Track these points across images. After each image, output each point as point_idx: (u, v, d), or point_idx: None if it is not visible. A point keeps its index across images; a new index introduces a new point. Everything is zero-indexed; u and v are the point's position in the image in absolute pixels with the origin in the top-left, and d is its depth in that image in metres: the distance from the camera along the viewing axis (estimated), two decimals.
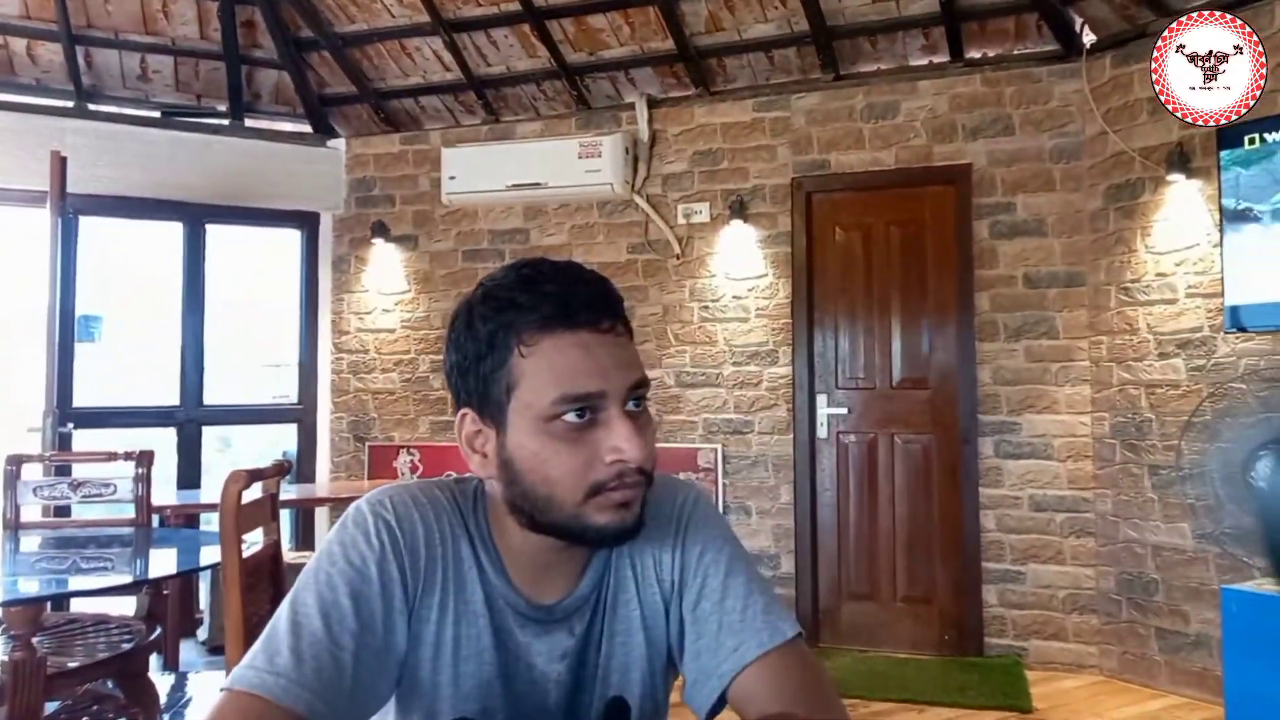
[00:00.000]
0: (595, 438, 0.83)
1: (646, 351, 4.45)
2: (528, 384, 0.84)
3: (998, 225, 4.02)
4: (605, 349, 0.84)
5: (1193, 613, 3.50)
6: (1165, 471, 3.55)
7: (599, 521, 0.84)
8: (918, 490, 4.13)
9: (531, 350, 0.83)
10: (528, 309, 0.84)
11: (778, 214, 4.32)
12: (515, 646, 0.90)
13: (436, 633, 0.88)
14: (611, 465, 0.83)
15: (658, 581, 0.95)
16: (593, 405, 0.83)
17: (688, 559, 0.94)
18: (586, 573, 0.93)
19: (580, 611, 0.92)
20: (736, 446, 4.34)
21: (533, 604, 0.90)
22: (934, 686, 3.64)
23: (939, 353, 4.12)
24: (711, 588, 0.92)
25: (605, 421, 0.83)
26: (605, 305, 0.86)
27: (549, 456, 0.83)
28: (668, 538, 0.95)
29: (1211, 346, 3.46)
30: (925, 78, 4.14)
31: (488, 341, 0.85)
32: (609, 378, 0.83)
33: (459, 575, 0.90)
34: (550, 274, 0.86)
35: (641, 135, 4.49)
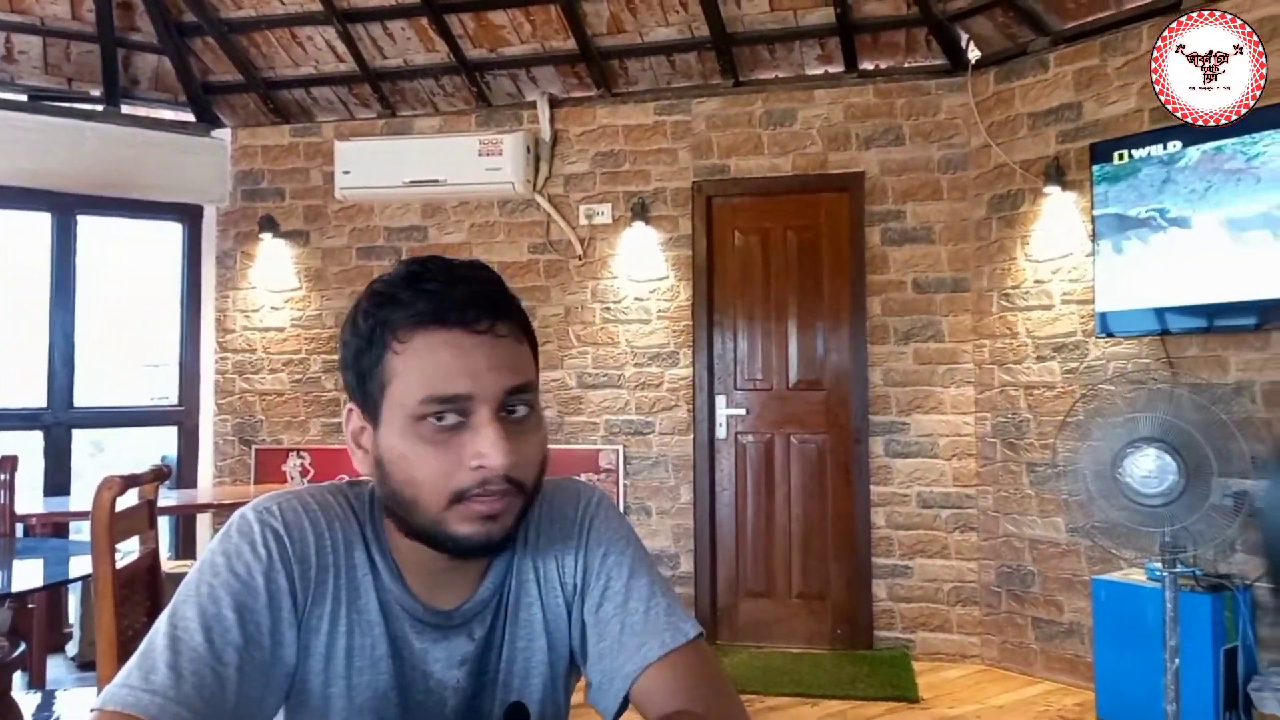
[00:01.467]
0: (462, 442, 0.80)
1: (548, 353, 4.42)
2: (399, 382, 0.81)
3: (889, 232, 4.16)
4: (480, 350, 0.81)
5: (1066, 603, 3.70)
6: (1041, 469, 3.75)
7: (461, 531, 0.81)
8: (812, 489, 4.23)
9: (404, 347, 0.81)
10: (404, 305, 0.81)
11: (679, 217, 4.36)
12: (412, 654, 0.88)
13: (328, 644, 0.85)
14: (475, 472, 0.80)
15: (560, 585, 0.94)
16: (461, 408, 0.80)
17: (590, 562, 0.93)
18: (487, 576, 0.91)
19: (480, 616, 0.91)
20: (638, 447, 4.36)
21: (430, 609, 0.88)
22: (826, 680, 3.73)
23: (833, 355, 4.23)
24: (614, 590, 0.91)
25: (474, 426, 0.80)
26: (484, 304, 0.82)
27: (414, 458, 0.81)
28: (570, 541, 0.94)
29: (1084, 350, 3.67)
30: (821, 87, 4.25)
31: (367, 337, 0.83)
32: (479, 380, 0.80)
33: (353, 583, 0.87)
34: (434, 271, 0.83)
35: (543, 134, 4.46)
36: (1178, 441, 2.78)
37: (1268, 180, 3.08)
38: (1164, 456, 2.78)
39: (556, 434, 4.39)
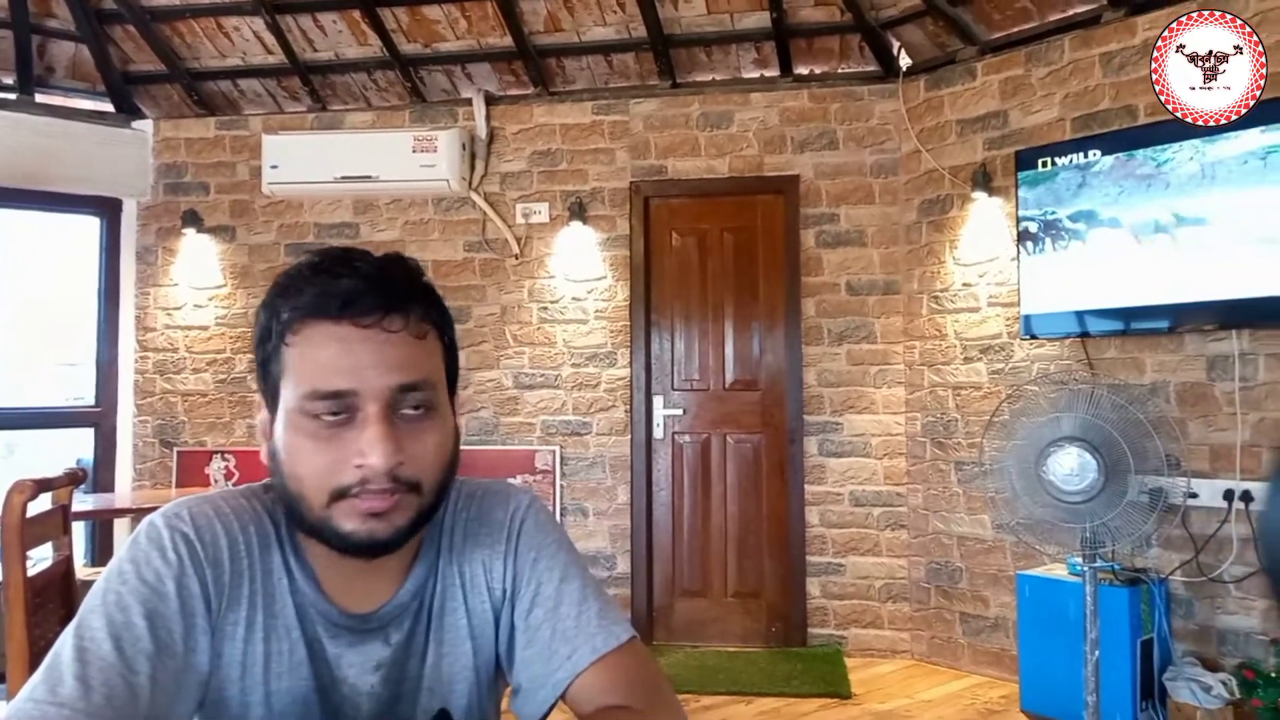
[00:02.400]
0: (348, 439, 0.79)
1: (483, 353, 4.37)
2: (289, 375, 0.80)
3: (823, 235, 4.23)
4: (368, 345, 0.79)
5: (992, 597, 3.81)
6: (969, 467, 3.85)
7: (345, 528, 0.80)
8: (748, 488, 4.27)
9: (295, 340, 0.80)
10: (297, 296, 0.80)
11: (616, 217, 4.36)
12: (328, 659, 0.85)
13: (244, 649, 0.83)
14: (357, 470, 0.78)
15: (488, 590, 0.92)
16: (346, 404, 0.78)
17: (520, 566, 0.91)
18: (407, 580, 0.89)
19: (398, 621, 0.88)
20: (574, 448, 4.34)
21: (346, 613, 0.86)
22: (761, 678, 3.77)
23: (769, 355, 4.28)
24: (545, 595, 0.90)
25: (360, 423, 0.79)
26: (377, 298, 0.79)
27: (297, 453, 0.80)
28: (499, 545, 0.92)
29: (1009, 352, 3.78)
30: (757, 90, 4.30)
31: (265, 328, 0.82)
32: (364, 377, 0.78)
33: (268, 587, 0.84)
34: (334, 264, 0.81)
35: (479, 132, 4.41)
36: (1097, 440, 2.87)
37: (1175, 188, 3.21)
38: (1085, 455, 2.87)
39: (492, 435, 4.35)
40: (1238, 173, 3.08)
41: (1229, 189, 3.09)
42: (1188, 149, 3.19)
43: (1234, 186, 3.08)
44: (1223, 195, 3.11)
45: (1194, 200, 3.17)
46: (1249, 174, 3.05)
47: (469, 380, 4.38)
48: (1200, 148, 3.16)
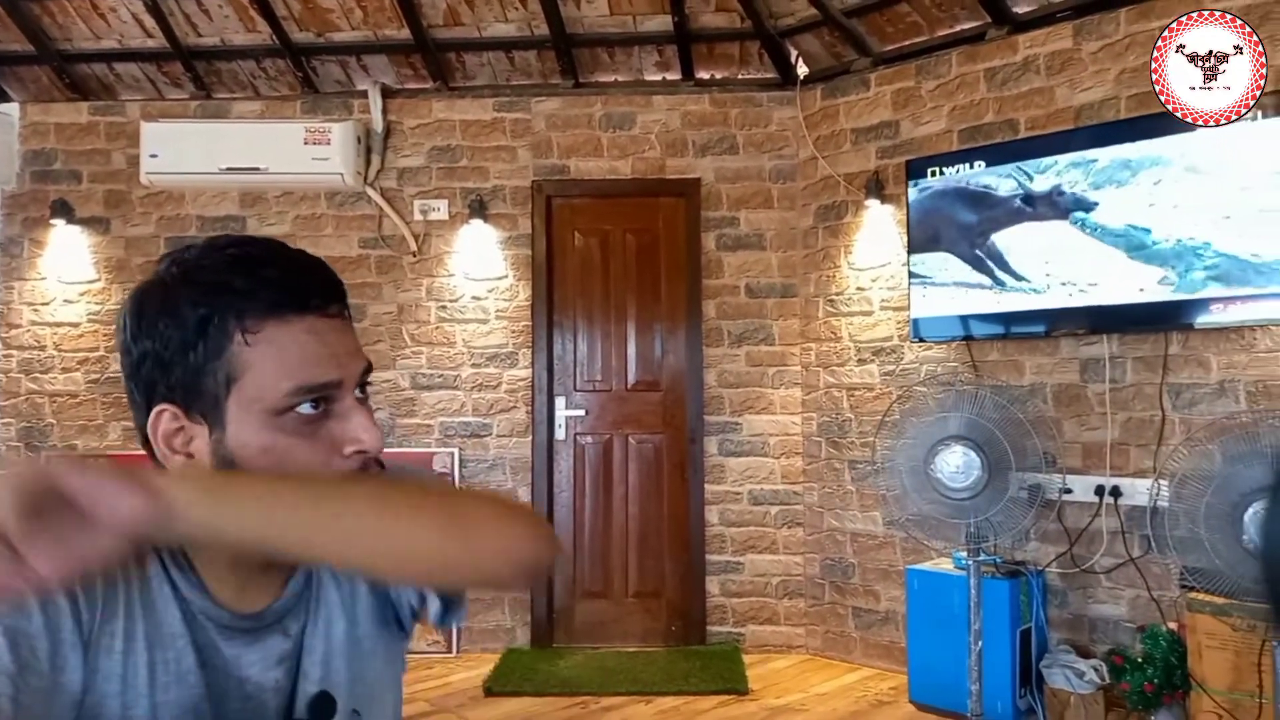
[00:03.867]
0: (331, 429, 0.79)
1: (380, 352, 4.25)
2: (254, 375, 0.77)
3: (723, 238, 4.28)
4: (336, 335, 0.80)
5: (883, 592, 3.93)
6: (862, 466, 3.96)
7: None
8: (649, 489, 4.29)
9: (257, 338, 0.76)
10: (247, 293, 0.77)
11: (518, 215, 4.31)
12: (223, 663, 0.82)
13: (125, 662, 0.78)
14: (354, 457, 0.79)
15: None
16: (329, 395, 0.79)
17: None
18: (297, 571, 0.88)
19: (294, 612, 0.87)
20: (474, 449, 4.27)
21: (238, 614, 0.83)
22: (661, 677, 3.79)
23: (670, 356, 4.31)
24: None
25: (341, 412, 0.80)
26: (333, 289, 0.82)
27: (283, 452, 0.77)
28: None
29: (900, 354, 3.91)
30: (659, 93, 4.32)
31: (197, 328, 0.77)
32: (343, 365, 0.80)
33: (147, 596, 0.80)
34: (265, 255, 0.80)
35: (375, 125, 4.29)
36: (981, 439, 3.00)
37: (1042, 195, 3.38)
38: (969, 453, 2.99)
39: (389, 437, 4.24)
40: (1110, 184, 3.26)
41: (1102, 199, 3.28)
42: (1064, 161, 3.36)
43: (1106, 198, 3.27)
44: (1094, 206, 3.29)
45: (1069, 210, 3.35)
46: (1120, 185, 3.24)
47: None
48: (1076, 160, 3.33)
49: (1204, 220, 3.06)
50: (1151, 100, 3.27)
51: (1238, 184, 3.00)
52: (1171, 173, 3.13)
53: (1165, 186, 3.14)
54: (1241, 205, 2.99)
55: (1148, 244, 3.18)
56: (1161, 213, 3.15)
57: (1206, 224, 3.05)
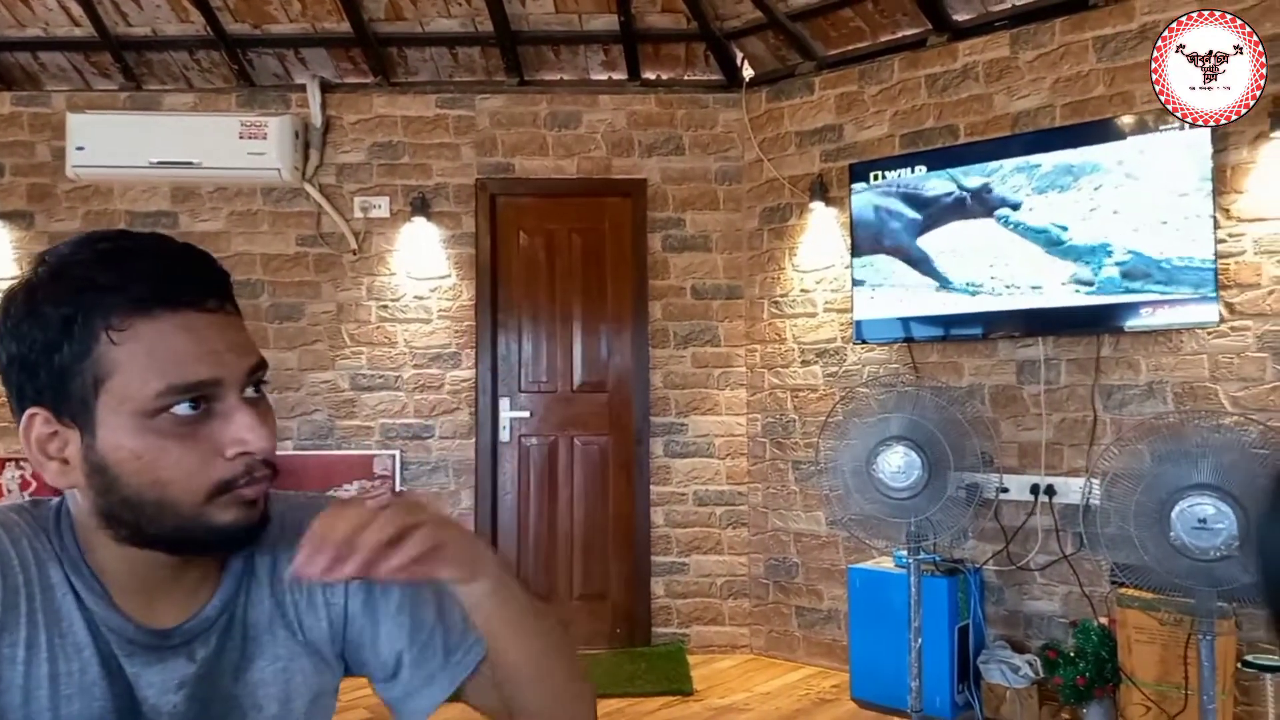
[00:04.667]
0: (212, 430, 0.75)
1: (317, 352, 4.16)
2: (123, 375, 0.73)
3: (669, 239, 4.28)
4: (215, 330, 0.76)
5: (825, 591, 3.97)
6: (805, 466, 4.00)
7: (223, 521, 0.76)
8: (595, 490, 4.27)
9: (125, 336, 0.73)
10: (114, 289, 0.73)
11: (462, 214, 4.25)
12: (126, 679, 0.79)
13: (26, 673, 0.74)
14: (236, 460, 0.75)
15: (326, 605, 0.88)
16: (207, 394, 0.75)
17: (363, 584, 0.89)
18: (216, 593, 0.83)
19: (204, 636, 0.82)
20: (416, 452, 4.20)
21: (144, 629, 0.79)
22: (606, 679, 3.77)
23: (616, 357, 4.29)
24: (391, 609, 0.90)
25: (224, 412, 0.75)
26: (210, 281, 0.77)
27: (157, 456, 0.73)
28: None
29: (843, 355, 3.95)
30: (605, 92, 4.30)
31: (61, 328, 0.73)
32: (224, 362, 0.75)
33: (50, 605, 0.76)
34: (137, 248, 0.76)
35: (314, 120, 4.19)
36: (922, 439, 3.04)
37: (990, 203, 3.45)
38: (910, 453, 3.03)
39: (327, 438, 4.15)
40: (1044, 189, 3.34)
41: (1037, 204, 3.35)
42: (1006, 167, 3.43)
43: (1039, 202, 3.34)
44: (1030, 211, 3.37)
45: (998, 219, 3.42)
46: (1054, 192, 3.32)
47: (301, 381, 4.16)
48: (1017, 166, 3.40)
49: (1128, 224, 3.15)
50: (1084, 109, 3.37)
51: (1163, 190, 3.09)
52: (1103, 178, 3.21)
53: (1097, 191, 3.22)
54: (1167, 210, 3.08)
55: (1063, 241, 3.27)
56: (1088, 214, 3.23)
57: (1128, 228, 3.14)
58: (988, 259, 3.47)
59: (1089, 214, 3.24)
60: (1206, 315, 3.03)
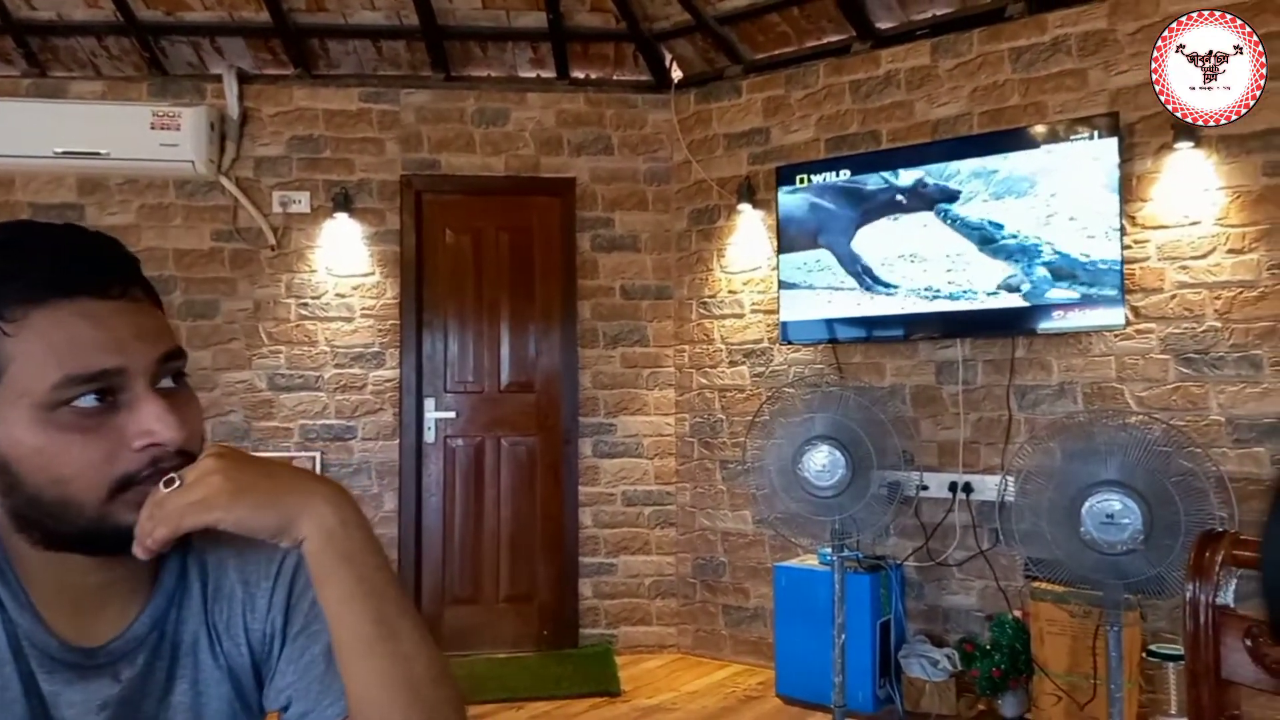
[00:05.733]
0: (119, 423, 0.71)
1: (234, 351, 4.03)
2: (19, 367, 0.69)
3: (598, 239, 4.27)
4: (120, 318, 0.72)
5: (752, 589, 4.01)
6: (733, 465, 4.03)
7: (128, 521, 0.71)
8: (522, 491, 4.23)
9: (19, 327, 0.69)
10: (7, 279, 0.69)
11: (386, 210, 4.16)
12: (43, 697, 0.74)
13: None
14: (143, 452, 0.71)
15: (245, 630, 0.82)
16: (111, 385, 0.71)
17: (296, 601, 0.82)
18: (145, 610, 0.79)
19: (130, 656, 0.78)
20: (337, 453, 4.10)
21: (67, 646, 0.75)
22: (533, 682, 3.74)
23: (544, 357, 4.26)
24: (317, 630, 0.82)
25: (130, 403, 0.72)
26: (112, 266, 0.74)
27: (58, 451, 0.69)
28: (263, 580, 0.82)
29: (770, 356, 4.00)
30: (534, 90, 4.26)
31: None
32: (128, 350, 0.72)
33: None
34: (35, 237, 0.73)
35: (231, 111, 4.06)
36: (846, 439, 3.10)
37: (907, 209, 3.54)
38: (835, 452, 3.08)
39: (243, 440, 4.01)
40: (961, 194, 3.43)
41: (954, 210, 3.44)
42: (921, 172, 3.51)
43: (959, 208, 3.44)
44: (950, 216, 3.46)
45: (922, 220, 3.50)
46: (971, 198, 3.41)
47: (216, 382, 4.02)
48: (932, 171, 3.49)
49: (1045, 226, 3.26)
50: (1000, 117, 3.48)
51: (1073, 198, 3.20)
52: (1017, 184, 3.32)
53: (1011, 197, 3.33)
54: (1078, 217, 3.19)
55: (998, 239, 3.37)
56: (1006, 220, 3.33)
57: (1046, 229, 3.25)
58: (908, 252, 3.54)
59: (1007, 219, 3.34)
60: (1114, 319, 3.16)
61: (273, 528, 0.71)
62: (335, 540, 0.72)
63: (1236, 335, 3.05)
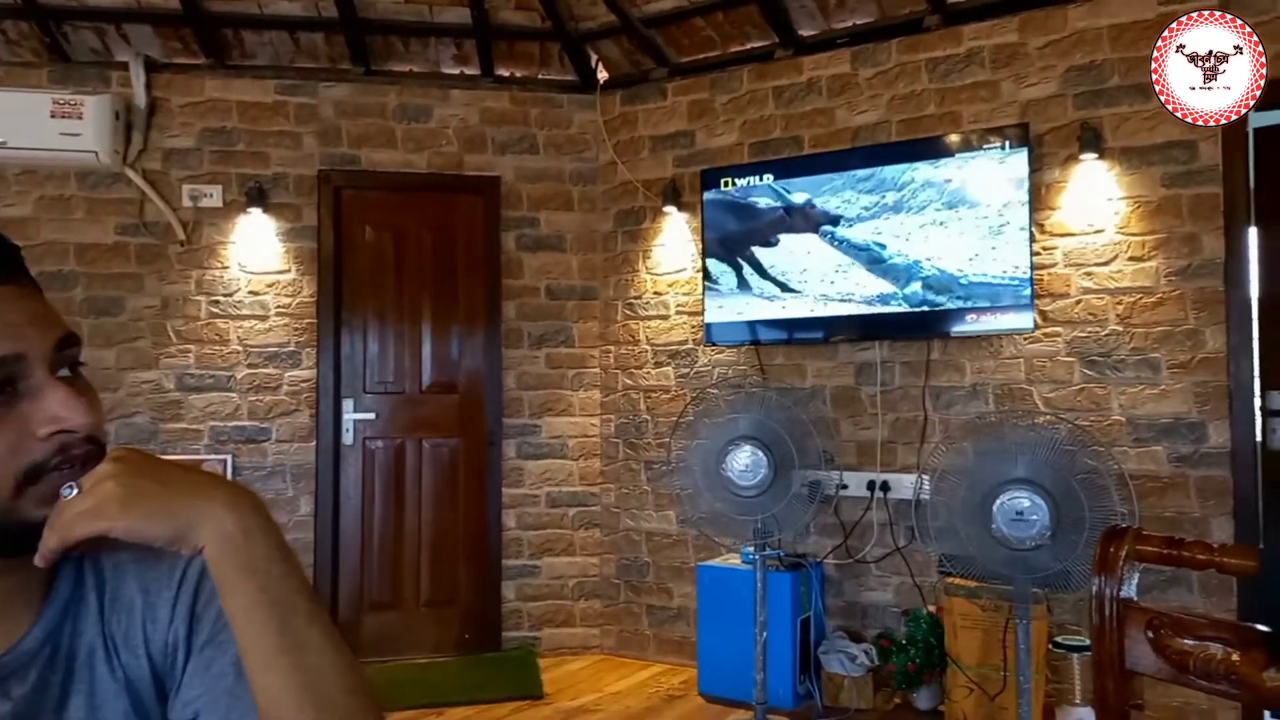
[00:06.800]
0: (22, 412, 0.68)
1: (140, 350, 3.87)
2: None
3: (523, 238, 4.23)
4: (11, 304, 0.70)
5: (675, 589, 4.03)
6: (658, 466, 4.04)
7: (38, 516, 0.68)
8: (444, 494, 4.16)
9: None
10: None
11: (303, 206, 4.05)
12: None
13: None
14: (50, 439, 0.69)
15: (146, 641, 0.78)
16: (11, 374, 0.68)
17: (200, 610, 0.78)
18: (37, 622, 0.74)
19: (22, 671, 0.73)
20: (250, 456, 3.96)
21: None
22: (454, 687, 3.69)
23: (468, 358, 4.20)
24: (224, 640, 0.77)
25: (31, 391, 0.69)
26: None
27: None
28: (165, 589, 0.78)
29: (694, 357, 4.02)
30: (457, 87, 4.20)
31: None
32: (24, 336, 0.69)
33: None
34: None
35: (137, 101, 3.88)
36: (768, 439, 3.14)
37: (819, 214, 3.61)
38: (758, 453, 3.12)
39: (149, 442, 3.85)
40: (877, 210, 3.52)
41: (873, 216, 3.52)
42: (841, 178, 3.58)
43: (868, 222, 3.52)
44: (841, 220, 3.54)
45: (842, 226, 3.58)
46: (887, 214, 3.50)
47: (121, 381, 3.85)
48: (852, 177, 3.56)
49: (955, 238, 3.36)
50: (917, 126, 3.57)
51: (986, 205, 3.31)
52: (935, 194, 3.41)
53: (930, 207, 3.42)
54: (991, 224, 3.31)
55: (884, 259, 3.47)
56: (917, 230, 3.43)
57: (956, 241, 3.36)
58: (807, 265, 3.61)
59: (918, 229, 3.44)
60: (1023, 322, 3.28)
61: (167, 536, 0.68)
62: (236, 548, 0.69)
63: (1136, 339, 3.20)
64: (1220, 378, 3.07)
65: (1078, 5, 3.30)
